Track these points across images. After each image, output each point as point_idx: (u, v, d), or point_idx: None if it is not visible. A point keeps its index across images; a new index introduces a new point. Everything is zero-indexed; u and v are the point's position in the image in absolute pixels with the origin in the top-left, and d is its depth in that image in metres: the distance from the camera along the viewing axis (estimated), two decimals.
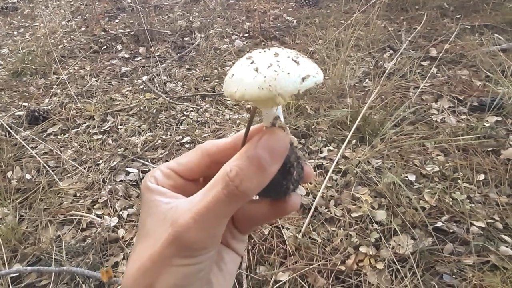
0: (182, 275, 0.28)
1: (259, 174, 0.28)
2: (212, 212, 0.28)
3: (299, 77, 0.28)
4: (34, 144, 2.22)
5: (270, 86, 0.27)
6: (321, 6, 4.12)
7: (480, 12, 3.51)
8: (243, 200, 0.28)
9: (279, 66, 0.28)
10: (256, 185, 0.28)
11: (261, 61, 0.29)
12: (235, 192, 0.27)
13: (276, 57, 0.29)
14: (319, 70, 0.30)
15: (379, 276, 1.35)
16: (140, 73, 2.96)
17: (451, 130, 2.01)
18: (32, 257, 1.53)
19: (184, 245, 0.28)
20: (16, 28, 4.17)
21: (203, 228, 0.28)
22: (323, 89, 2.42)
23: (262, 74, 0.28)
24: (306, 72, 0.28)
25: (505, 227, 1.48)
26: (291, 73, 0.28)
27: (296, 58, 0.29)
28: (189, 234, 0.28)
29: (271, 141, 0.28)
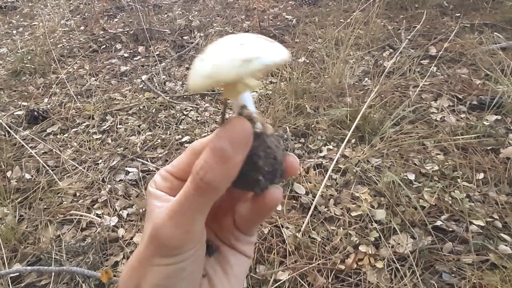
0: (163, 275, 0.28)
1: (222, 165, 0.27)
2: (185, 208, 0.28)
3: (240, 60, 0.26)
4: (33, 143, 2.22)
5: (212, 73, 0.26)
6: (320, 5, 4.11)
7: (479, 11, 3.50)
8: (211, 192, 0.27)
9: (222, 52, 0.27)
10: (221, 176, 0.27)
11: (210, 50, 0.28)
12: (200, 185, 0.27)
13: (224, 43, 0.28)
14: (277, 49, 0.28)
15: (379, 275, 1.36)
16: (140, 72, 2.96)
17: (451, 129, 2.01)
18: (32, 257, 1.53)
19: (161, 242, 0.28)
20: (15, 27, 4.16)
21: (177, 225, 0.28)
22: (323, 88, 2.42)
23: (206, 63, 0.27)
24: (250, 54, 0.26)
25: (504, 225, 1.48)
26: (232, 58, 0.26)
27: (246, 42, 0.27)
28: (164, 231, 0.28)
29: (230, 131, 0.27)
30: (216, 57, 0.27)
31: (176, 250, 0.28)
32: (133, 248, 1.55)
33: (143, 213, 1.69)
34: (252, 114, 0.30)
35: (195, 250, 0.29)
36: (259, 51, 0.26)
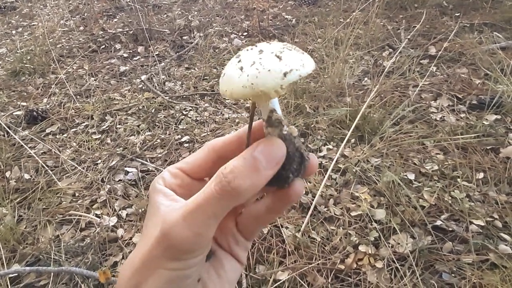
0: (167, 280, 0.28)
1: (253, 174, 0.28)
2: (202, 210, 0.28)
3: (280, 73, 0.28)
4: (32, 144, 2.21)
5: (252, 84, 0.28)
6: (320, 5, 4.11)
7: (479, 10, 3.50)
8: (234, 198, 0.28)
9: (260, 64, 0.28)
10: (249, 184, 0.27)
11: (246, 59, 0.30)
12: (226, 188, 0.27)
13: (260, 54, 0.29)
14: (307, 60, 0.30)
15: (379, 275, 1.35)
16: (139, 72, 2.96)
17: (451, 129, 2.01)
18: (31, 257, 1.52)
19: (171, 244, 0.27)
20: (15, 28, 4.16)
21: (191, 226, 0.27)
22: (322, 88, 2.42)
23: (245, 73, 0.29)
24: (288, 67, 0.28)
25: (504, 225, 1.48)
26: (271, 70, 0.28)
27: (280, 53, 0.29)
28: (176, 232, 0.27)
29: (268, 147, 0.29)
30: (256, 69, 0.29)
31: (185, 255, 0.28)
32: (132, 248, 1.54)
33: (142, 213, 1.69)
34: (281, 118, 0.32)
35: (202, 257, 0.29)
36: (296, 64, 0.29)
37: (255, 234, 0.35)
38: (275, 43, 0.31)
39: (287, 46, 0.31)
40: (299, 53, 0.30)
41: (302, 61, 0.29)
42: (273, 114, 0.32)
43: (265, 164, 0.28)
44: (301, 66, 0.29)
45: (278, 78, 0.28)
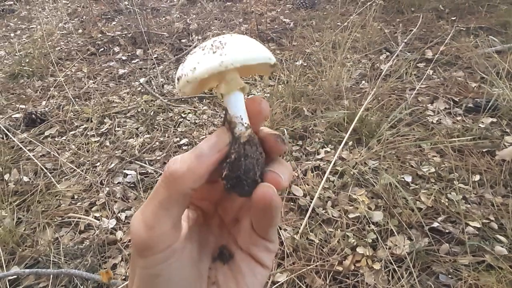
0: (141, 279, 0.28)
1: (193, 160, 0.28)
2: (151, 201, 0.28)
3: (176, 80, 0.31)
4: (31, 146, 2.22)
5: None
6: (317, 8, 4.14)
7: (475, 14, 3.54)
8: (173, 184, 0.27)
9: (191, 56, 0.31)
10: (185, 169, 0.27)
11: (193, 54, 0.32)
12: (165, 175, 0.28)
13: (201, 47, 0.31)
14: (200, 63, 0.29)
15: (376, 277, 1.36)
16: (138, 75, 2.97)
17: (447, 132, 2.03)
18: (30, 259, 1.53)
19: (134, 242, 0.28)
20: (13, 30, 4.17)
21: (143, 219, 0.27)
22: (320, 91, 2.44)
23: (185, 68, 0.31)
24: (180, 72, 0.30)
25: (500, 227, 1.49)
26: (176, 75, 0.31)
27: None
28: (133, 226, 0.28)
29: (210, 136, 0.30)
30: (193, 61, 0.30)
31: (145, 251, 0.27)
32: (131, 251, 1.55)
33: None
34: (232, 118, 0.31)
35: (165, 254, 0.27)
36: (187, 68, 0.29)
37: (269, 234, 0.33)
38: (218, 38, 0.31)
39: (217, 41, 0.30)
40: (209, 52, 0.29)
41: (195, 65, 0.29)
42: (226, 113, 0.31)
43: (206, 150, 0.28)
44: (190, 71, 0.29)
45: (176, 84, 0.30)
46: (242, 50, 0.29)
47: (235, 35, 0.31)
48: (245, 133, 0.30)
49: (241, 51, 0.29)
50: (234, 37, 0.30)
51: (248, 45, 0.30)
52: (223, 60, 0.28)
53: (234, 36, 0.30)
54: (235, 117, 0.31)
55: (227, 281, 0.32)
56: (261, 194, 0.29)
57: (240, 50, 0.29)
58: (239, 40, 0.30)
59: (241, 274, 0.32)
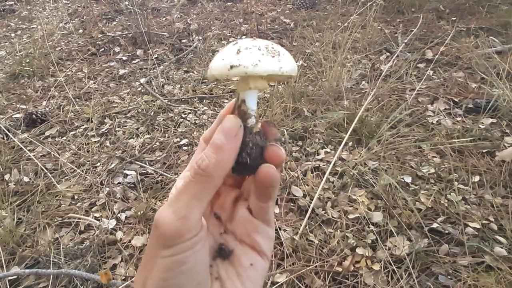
0: (164, 268, 0.29)
1: (217, 152, 0.30)
2: (183, 194, 0.30)
3: (227, 65, 0.33)
4: (31, 146, 2.22)
5: (209, 70, 0.35)
6: (318, 9, 4.14)
7: (475, 15, 3.54)
8: (206, 179, 0.30)
9: (221, 54, 0.35)
10: (215, 162, 0.30)
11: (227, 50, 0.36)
12: (197, 172, 0.30)
13: (234, 46, 0.35)
14: (267, 62, 0.33)
15: (376, 277, 1.36)
16: (138, 75, 2.97)
17: (447, 132, 2.03)
18: (30, 259, 1.53)
19: (160, 231, 0.29)
20: (14, 30, 4.17)
21: (175, 210, 0.29)
22: (320, 92, 2.44)
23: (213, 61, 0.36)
24: (238, 62, 0.33)
25: (499, 228, 1.49)
26: (224, 60, 0.34)
27: (246, 49, 0.34)
28: (162, 218, 0.29)
29: (223, 125, 0.32)
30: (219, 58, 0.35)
31: (174, 240, 0.29)
32: (131, 251, 1.55)
33: (141, 216, 1.69)
34: (247, 111, 0.35)
35: (193, 241, 0.30)
36: (247, 62, 0.33)
37: (269, 213, 0.35)
38: (263, 41, 0.35)
39: (270, 46, 0.34)
40: (260, 54, 0.33)
41: (255, 62, 0.32)
42: (242, 104, 0.35)
43: (224, 139, 0.31)
44: (252, 65, 0.32)
45: (225, 68, 0.33)
46: (292, 62, 0.35)
47: (277, 45, 0.36)
48: (258, 125, 0.35)
49: (291, 62, 0.35)
50: (280, 48, 0.35)
51: (292, 58, 0.36)
52: (282, 67, 0.33)
53: (279, 47, 0.35)
54: (251, 109, 0.35)
55: (229, 275, 0.33)
56: (265, 172, 0.32)
57: (291, 61, 0.35)
58: (285, 52, 0.35)
59: (242, 267, 0.34)
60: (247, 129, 0.34)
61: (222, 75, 0.33)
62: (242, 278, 0.33)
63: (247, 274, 0.33)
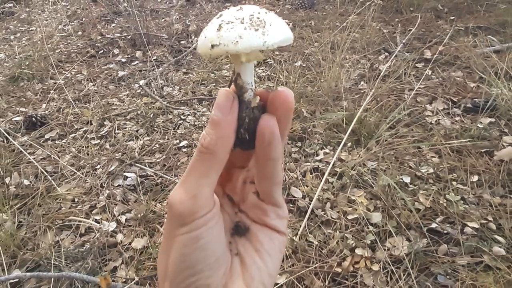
0: (182, 245, 0.30)
1: (216, 128, 0.31)
2: (191, 173, 0.31)
3: (209, 44, 0.31)
4: (31, 149, 2.23)
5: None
6: (316, 9, 4.15)
7: (473, 14, 3.54)
8: (210, 156, 0.31)
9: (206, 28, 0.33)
10: (216, 138, 0.31)
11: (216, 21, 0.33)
12: (200, 150, 0.31)
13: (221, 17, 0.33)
14: (243, 38, 0.30)
15: (375, 278, 1.37)
16: (137, 77, 2.98)
17: (446, 132, 2.04)
18: (31, 262, 1.54)
19: (175, 212, 0.30)
20: (13, 33, 4.18)
21: (186, 190, 0.30)
22: (319, 92, 2.44)
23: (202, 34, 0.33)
24: (218, 40, 0.31)
25: (498, 227, 1.50)
26: (207, 38, 0.32)
27: (221, 23, 0.31)
28: (174, 198, 0.31)
29: (217, 99, 0.32)
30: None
31: (188, 218, 0.30)
32: (132, 253, 1.56)
33: (141, 218, 1.70)
34: (244, 83, 0.34)
35: (206, 218, 0.31)
36: (227, 40, 0.30)
37: (276, 198, 0.35)
38: (250, 10, 0.32)
39: (255, 17, 0.31)
40: (250, 28, 0.30)
41: (237, 39, 0.30)
42: (238, 78, 0.34)
43: (220, 114, 0.31)
44: (232, 43, 0.30)
45: (208, 47, 0.31)
46: (281, 32, 0.31)
47: (268, 12, 0.32)
48: (256, 99, 0.34)
49: (280, 33, 0.31)
50: (268, 15, 0.32)
51: (283, 26, 0.32)
52: (266, 41, 0.30)
53: (269, 14, 0.32)
54: (246, 83, 0.34)
55: (247, 251, 0.34)
56: (264, 123, 0.32)
57: (279, 31, 0.31)
58: (275, 20, 0.32)
59: (259, 242, 0.34)
60: (244, 103, 0.33)
61: (205, 54, 0.32)
62: (260, 253, 0.34)
63: (265, 249, 0.34)
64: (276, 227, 0.35)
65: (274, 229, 0.35)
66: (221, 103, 0.31)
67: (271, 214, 0.35)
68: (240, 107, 0.33)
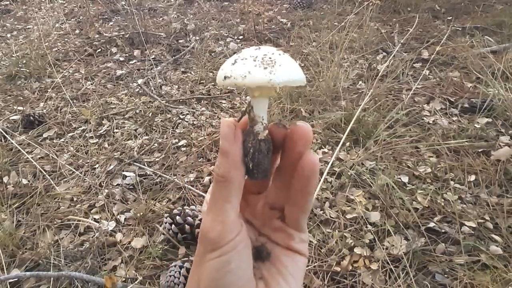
0: (213, 269, 0.32)
1: (226, 158, 0.33)
2: (214, 202, 0.33)
3: (221, 76, 0.34)
4: (30, 148, 2.22)
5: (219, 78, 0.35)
6: (315, 8, 4.15)
7: (470, 14, 3.57)
8: (227, 183, 0.33)
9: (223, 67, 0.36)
10: (227, 167, 0.33)
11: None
12: (217, 179, 0.33)
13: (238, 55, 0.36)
14: (251, 73, 0.33)
15: (373, 277, 1.38)
16: (135, 76, 2.97)
17: (443, 132, 2.05)
18: (30, 262, 1.53)
19: (205, 238, 0.33)
20: (9, 31, 4.15)
21: (213, 217, 0.33)
22: (318, 92, 2.45)
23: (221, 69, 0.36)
24: (229, 74, 0.34)
25: (495, 226, 1.51)
26: (223, 70, 0.35)
27: (240, 59, 0.34)
28: (204, 226, 0.33)
29: (220, 130, 0.34)
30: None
31: (218, 243, 0.32)
32: (131, 253, 1.56)
33: (140, 217, 1.70)
34: (255, 117, 0.36)
35: (236, 241, 0.32)
36: (236, 73, 0.33)
37: (302, 224, 0.37)
38: (266, 50, 0.35)
39: (268, 56, 0.34)
40: (260, 66, 0.33)
41: (246, 74, 0.33)
42: (251, 111, 0.36)
43: (226, 143, 0.33)
44: (241, 77, 0.33)
45: (221, 79, 0.34)
46: (289, 72, 0.33)
47: (282, 54, 0.35)
48: (264, 132, 0.35)
49: (287, 73, 0.33)
50: (282, 57, 0.34)
51: (293, 68, 0.34)
52: (272, 79, 0.32)
53: (282, 55, 0.35)
54: (258, 116, 0.36)
55: (271, 274, 0.35)
56: (307, 161, 0.34)
57: (287, 72, 0.33)
58: (286, 61, 0.34)
59: (283, 265, 0.36)
60: (253, 134, 0.35)
61: (220, 84, 0.35)
62: (284, 276, 0.35)
63: (289, 271, 0.35)
64: (300, 250, 0.37)
65: (297, 252, 0.37)
66: (225, 133, 0.33)
67: (295, 238, 0.37)
68: (248, 138, 0.35)
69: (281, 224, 0.37)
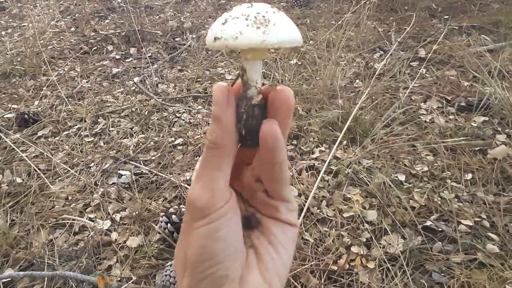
0: (201, 236, 0.31)
1: (218, 123, 0.32)
2: (204, 169, 0.32)
3: (212, 37, 0.32)
4: (24, 147, 2.19)
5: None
6: (312, 7, 4.14)
7: (467, 13, 3.57)
8: (218, 150, 0.32)
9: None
10: (219, 134, 0.32)
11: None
12: (209, 145, 0.32)
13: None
14: (243, 34, 0.30)
15: (370, 275, 1.38)
16: (132, 74, 2.95)
17: (440, 130, 2.05)
18: (24, 261, 1.52)
19: (193, 206, 0.32)
20: (4, 29, 4.11)
21: (202, 185, 0.32)
22: (315, 90, 2.44)
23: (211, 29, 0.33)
24: (220, 34, 0.31)
25: (491, 225, 1.52)
26: (212, 30, 0.32)
27: (227, 18, 0.32)
28: (192, 193, 0.32)
29: (213, 95, 0.32)
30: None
31: (206, 210, 0.31)
32: (127, 252, 1.55)
33: (136, 216, 1.69)
34: (248, 80, 0.34)
35: (225, 209, 0.32)
36: (227, 34, 0.31)
37: (285, 193, 0.36)
38: (258, 8, 0.32)
39: (261, 15, 0.31)
40: (253, 25, 0.30)
41: (237, 34, 0.30)
42: (244, 74, 0.34)
43: (218, 109, 0.32)
44: (232, 38, 0.30)
45: (211, 40, 0.32)
46: (284, 32, 0.31)
47: (277, 11, 0.32)
48: (258, 97, 0.34)
49: (282, 33, 0.31)
50: (276, 15, 0.32)
51: (289, 27, 0.32)
52: (265, 39, 0.30)
53: (277, 13, 0.32)
54: (251, 80, 0.34)
55: (262, 243, 0.35)
56: (266, 129, 0.32)
57: (282, 31, 0.31)
58: (281, 20, 0.31)
59: (273, 235, 0.35)
60: (246, 99, 0.33)
61: (210, 46, 0.32)
62: (274, 245, 0.35)
63: (279, 241, 0.35)
64: (288, 220, 0.36)
65: (286, 222, 0.36)
66: (217, 98, 0.32)
67: (282, 209, 0.36)
68: (241, 103, 0.33)
69: (266, 197, 0.36)
